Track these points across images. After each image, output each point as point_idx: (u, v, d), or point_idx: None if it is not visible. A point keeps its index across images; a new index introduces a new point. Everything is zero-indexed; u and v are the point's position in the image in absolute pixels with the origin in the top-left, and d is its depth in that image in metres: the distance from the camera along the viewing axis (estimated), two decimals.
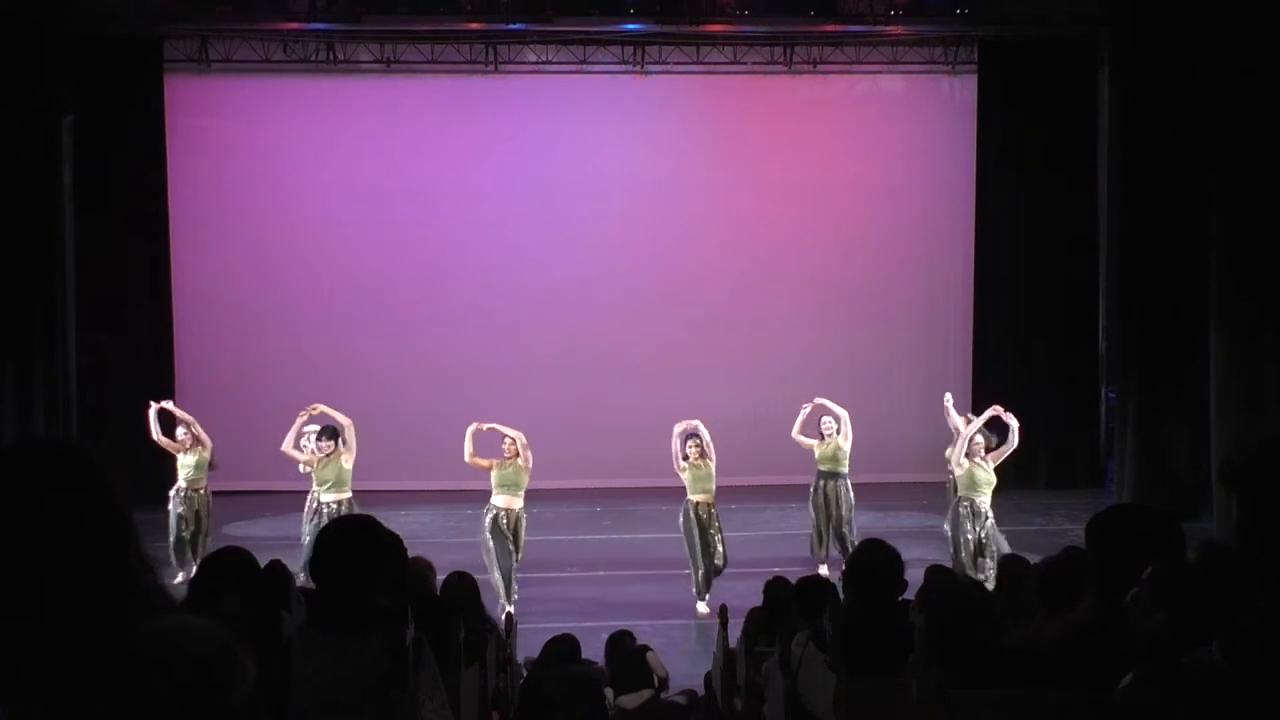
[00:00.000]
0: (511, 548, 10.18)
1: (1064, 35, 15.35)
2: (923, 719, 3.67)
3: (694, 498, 10.39)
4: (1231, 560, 2.61)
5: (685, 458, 10.45)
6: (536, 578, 10.72)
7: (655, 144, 15.95)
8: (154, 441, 11.13)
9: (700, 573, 10.29)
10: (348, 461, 10.22)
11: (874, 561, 4.40)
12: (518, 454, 10.26)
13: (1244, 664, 2.23)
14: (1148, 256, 13.70)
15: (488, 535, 10.14)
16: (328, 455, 10.17)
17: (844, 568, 4.49)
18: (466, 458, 10.26)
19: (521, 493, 10.30)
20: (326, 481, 10.17)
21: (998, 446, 10.24)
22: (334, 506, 9.99)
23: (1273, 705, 2.20)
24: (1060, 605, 3.84)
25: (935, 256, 16.25)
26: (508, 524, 10.20)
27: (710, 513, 10.40)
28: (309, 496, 10.29)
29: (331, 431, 10.26)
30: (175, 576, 10.19)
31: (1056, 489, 14.47)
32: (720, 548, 10.35)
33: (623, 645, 7.43)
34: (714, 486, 10.44)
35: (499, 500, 10.27)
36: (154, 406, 11.15)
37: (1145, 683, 2.53)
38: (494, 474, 10.30)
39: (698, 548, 10.31)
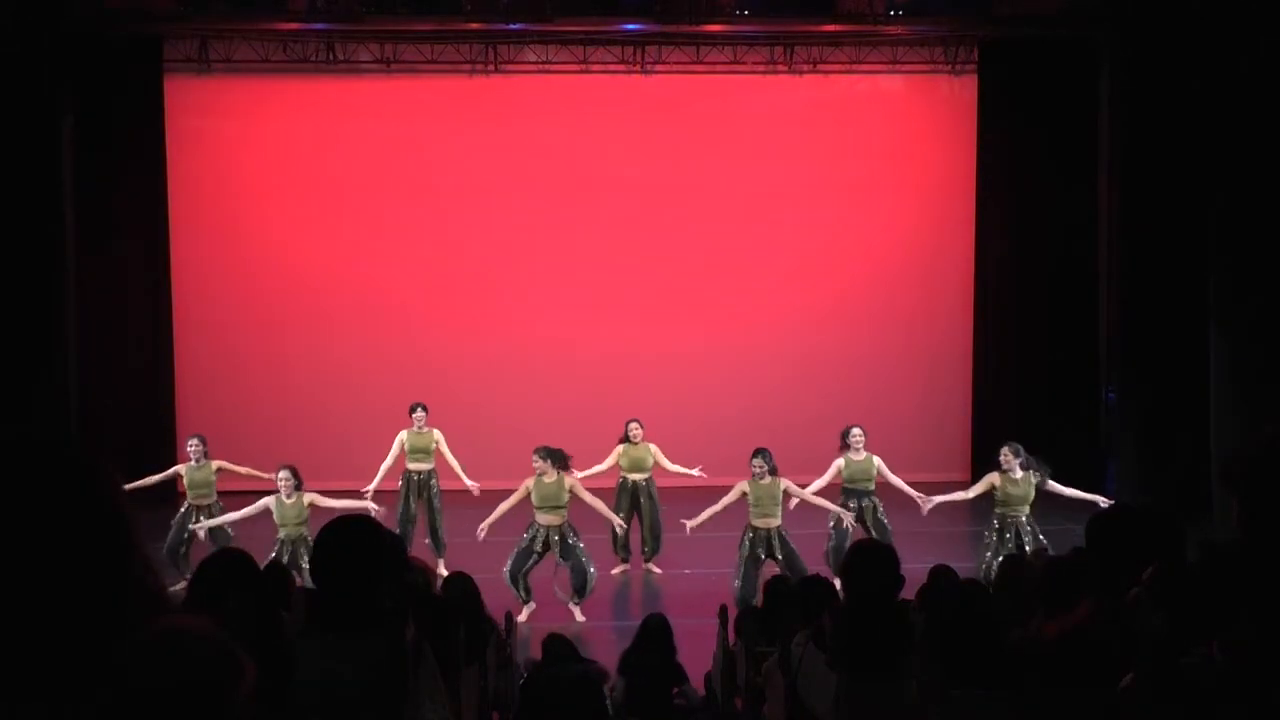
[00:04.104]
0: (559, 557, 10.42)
1: (1064, 35, 15.34)
2: (923, 719, 3.67)
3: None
4: (1231, 560, 2.61)
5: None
6: (537, 577, 10.71)
7: (655, 144, 15.95)
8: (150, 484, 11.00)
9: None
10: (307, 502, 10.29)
11: (872, 561, 4.39)
12: (545, 472, 10.41)
13: (1244, 664, 2.23)
14: (1148, 256, 13.69)
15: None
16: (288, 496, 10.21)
17: (841, 568, 4.47)
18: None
19: (564, 510, 10.42)
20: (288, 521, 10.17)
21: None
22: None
23: (1273, 705, 2.20)
24: (1061, 605, 3.84)
25: (935, 256, 16.25)
26: (550, 544, 10.36)
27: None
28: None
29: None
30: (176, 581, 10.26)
31: None
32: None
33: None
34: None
35: (541, 519, 10.40)
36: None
37: (1145, 683, 2.53)
38: (533, 494, 10.39)
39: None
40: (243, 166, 15.72)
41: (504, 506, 10.42)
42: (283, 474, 10.15)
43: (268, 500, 10.16)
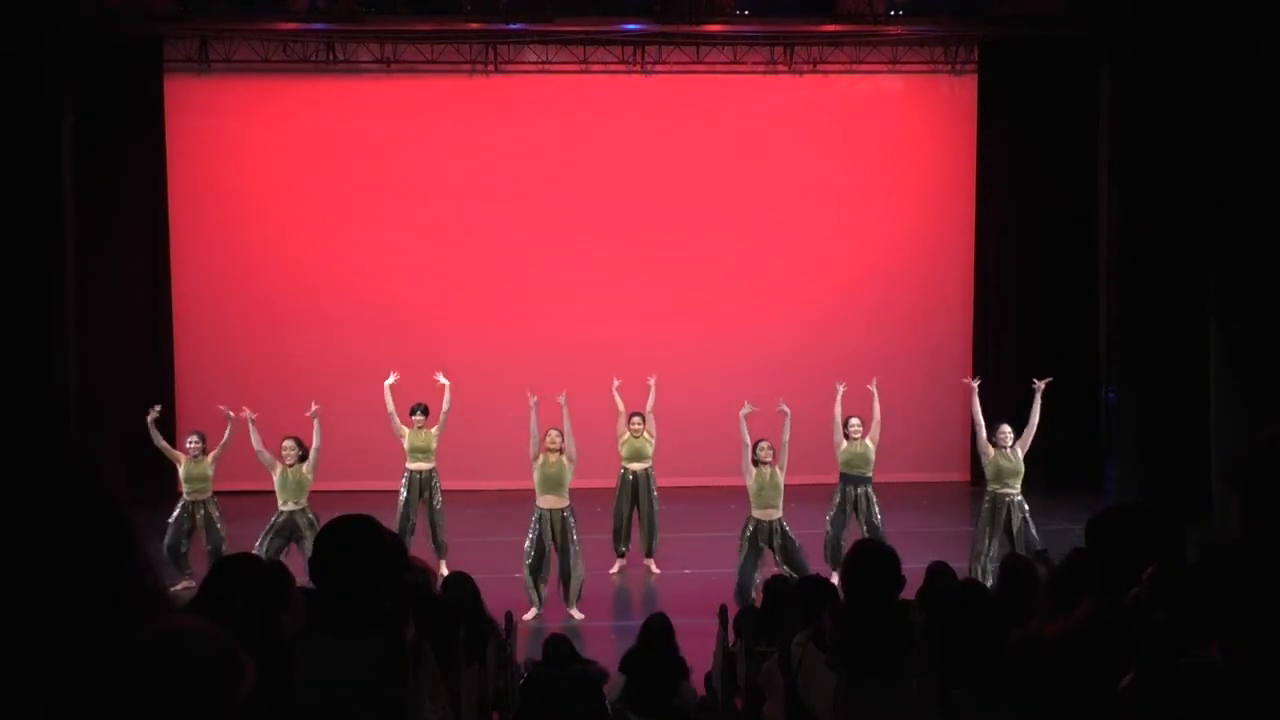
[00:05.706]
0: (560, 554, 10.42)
1: (1064, 35, 15.34)
2: (923, 719, 3.67)
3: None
4: (1231, 560, 2.61)
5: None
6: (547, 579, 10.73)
7: (655, 144, 15.95)
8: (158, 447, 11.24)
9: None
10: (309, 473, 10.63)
11: (872, 561, 4.39)
12: (561, 449, 10.44)
13: (1244, 664, 2.23)
14: (1147, 256, 13.69)
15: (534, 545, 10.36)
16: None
17: (841, 568, 4.47)
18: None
19: (565, 492, 10.47)
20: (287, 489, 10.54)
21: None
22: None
23: (1273, 705, 2.20)
24: (1061, 605, 3.84)
25: (935, 256, 16.25)
26: (553, 529, 10.34)
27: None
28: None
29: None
30: (177, 581, 10.29)
31: (1056, 489, 14.45)
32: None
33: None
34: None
35: (543, 502, 10.42)
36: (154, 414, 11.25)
37: (1145, 683, 2.53)
38: (537, 473, 10.41)
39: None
40: (243, 166, 15.72)
41: (533, 422, 10.62)
42: (287, 443, 10.64)
43: (277, 462, 10.58)
